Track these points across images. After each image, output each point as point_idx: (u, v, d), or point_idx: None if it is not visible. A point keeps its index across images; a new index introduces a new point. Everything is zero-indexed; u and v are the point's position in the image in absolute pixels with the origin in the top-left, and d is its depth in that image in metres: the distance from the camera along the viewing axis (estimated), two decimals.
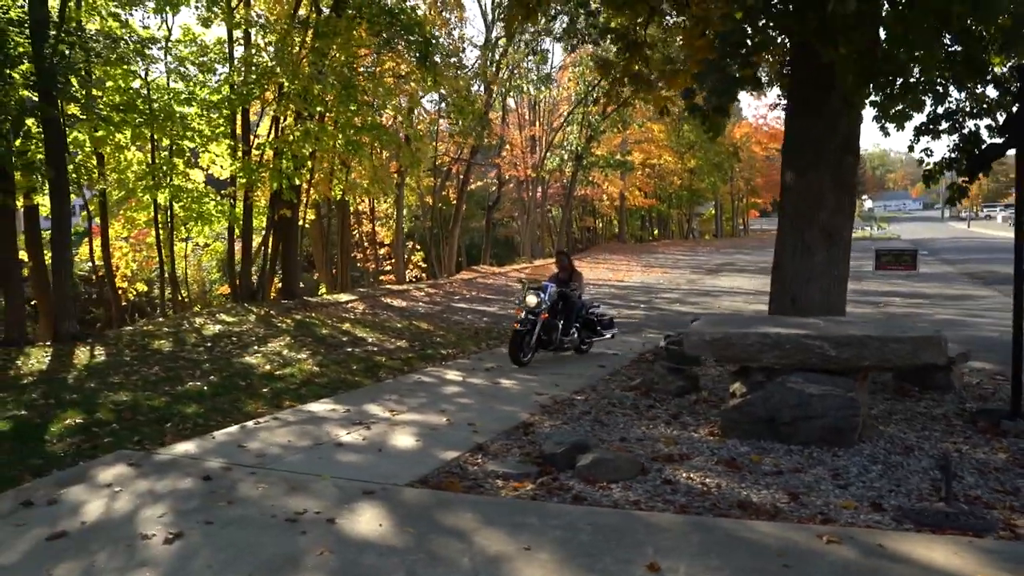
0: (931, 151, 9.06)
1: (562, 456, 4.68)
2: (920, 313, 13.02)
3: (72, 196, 13.30)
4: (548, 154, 29.15)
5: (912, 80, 5.95)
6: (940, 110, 8.39)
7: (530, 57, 23.66)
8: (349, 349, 10.67)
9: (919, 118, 7.97)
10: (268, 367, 9.27)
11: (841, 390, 4.95)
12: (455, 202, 24.04)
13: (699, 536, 3.63)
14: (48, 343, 11.58)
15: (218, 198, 15.36)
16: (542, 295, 8.52)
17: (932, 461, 4.76)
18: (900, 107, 6.12)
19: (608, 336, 9.79)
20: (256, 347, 10.86)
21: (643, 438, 5.41)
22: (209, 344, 11.19)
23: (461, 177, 23.84)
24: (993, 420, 5.52)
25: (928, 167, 9.01)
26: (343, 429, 5.86)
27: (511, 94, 26.77)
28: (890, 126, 9.22)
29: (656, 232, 48.60)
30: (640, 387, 6.92)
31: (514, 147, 29.23)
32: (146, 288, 20.10)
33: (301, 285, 18.11)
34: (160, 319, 15.04)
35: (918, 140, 8.78)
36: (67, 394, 7.67)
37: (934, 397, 6.43)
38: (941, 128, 8.51)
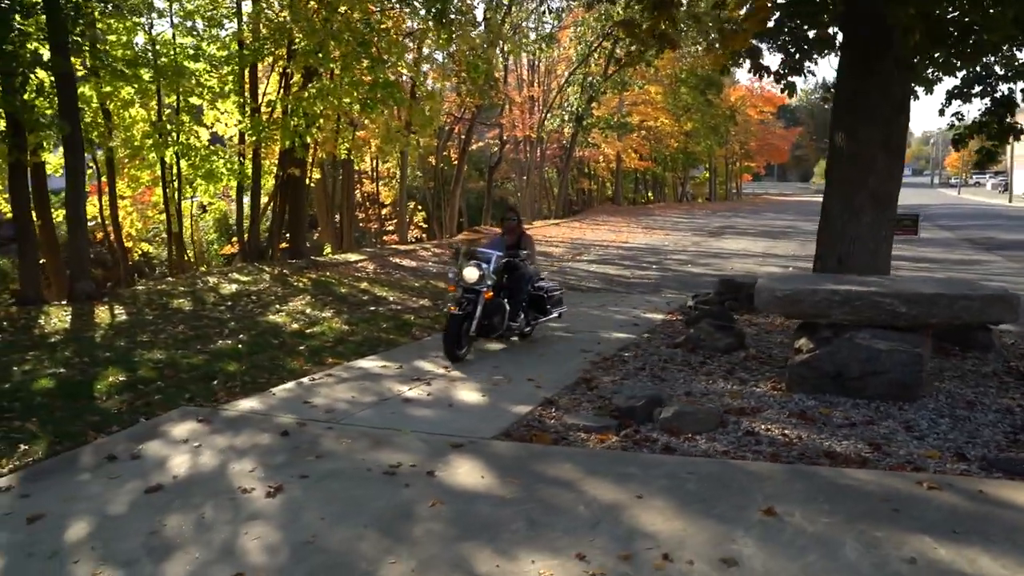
0: (962, 115, 9.09)
1: (641, 409, 4.72)
2: (934, 277, 13.14)
3: None
4: (548, 115, 28.89)
5: (978, 41, 5.92)
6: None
7: (546, 15, 23.25)
8: (373, 308, 10.62)
9: (950, 81, 7.97)
10: (296, 325, 9.22)
11: (908, 346, 5.01)
12: (456, 163, 23.82)
13: (801, 483, 3.70)
14: (63, 302, 11.44)
15: (228, 156, 15.09)
16: (485, 267, 6.63)
17: (997, 415, 4.86)
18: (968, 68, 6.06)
19: (555, 315, 7.88)
20: (277, 306, 10.78)
21: (707, 392, 5.47)
22: (229, 303, 11.09)
23: (463, 137, 23.60)
24: None
25: (959, 131, 9.05)
26: (403, 385, 5.86)
27: (512, 55, 26.39)
28: (919, 89, 9.23)
29: (651, 195, 48.57)
30: (686, 344, 6.97)
31: (514, 107, 28.93)
32: (151, 248, 19.86)
33: (307, 245, 17.97)
34: (171, 278, 14.88)
35: (949, 103, 8.80)
36: (100, 352, 7.60)
37: (977, 356, 6.51)
38: (974, 92, 8.54)
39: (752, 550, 3.06)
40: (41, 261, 13.88)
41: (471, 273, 6.60)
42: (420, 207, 25.45)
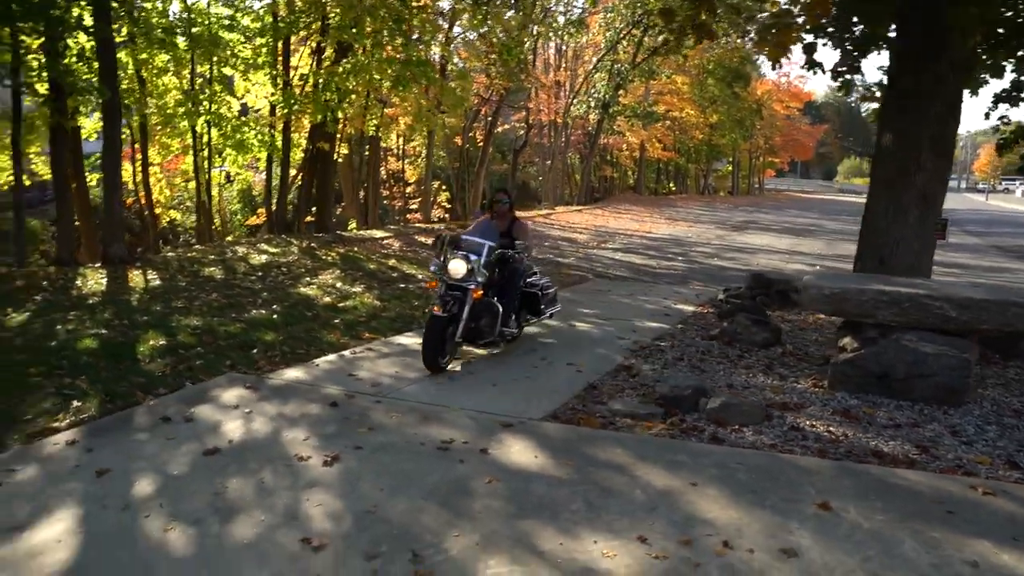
0: (1008, 119, 8.97)
1: (687, 399, 4.76)
2: (981, 283, 13.07)
3: None
4: (575, 100, 28.75)
5: None
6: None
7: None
8: (402, 285, 10.69)
9: (995, 83, 7.87)
10: (328, 299, 9.29)
11: (956, 351, 5.01)
12: (482, 144, 23.79)
13: (851, 480, 3.73)
14: (97, 265, 11.57)
15: (259, 127, 15.15)
16: (474, 260, 5.66)
17: None
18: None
19: (548, 316, 7.01)
20: (308, 278, 10.86)
21: (748, 385, 5.50)
22: (260, 274, 11.19)
23: (489, 119, 23.55)
24: None
25: (1004, 135, 8.94)
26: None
27: (541, 38, 26.25)
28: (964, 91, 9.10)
29: (672, 186, 48.34)
30: (722, 337, 6.98)
31: (541, 91, 28.81)
32: (179, 216, 20.00)
33: (332, 219, 18.05)
34: (199, 246, 15.00)
35: (996, 106, 8.69)
36: (138, 316, 7.69)
37: (1020, 365, 6.48)
38: (1023, 95, 8.43)
39: (809, 542, 3.10)
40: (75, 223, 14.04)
41: (457, 267, 5.59)
42: (444, 187, 25.48)
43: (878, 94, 8.50)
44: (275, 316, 7.96)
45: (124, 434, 4.23)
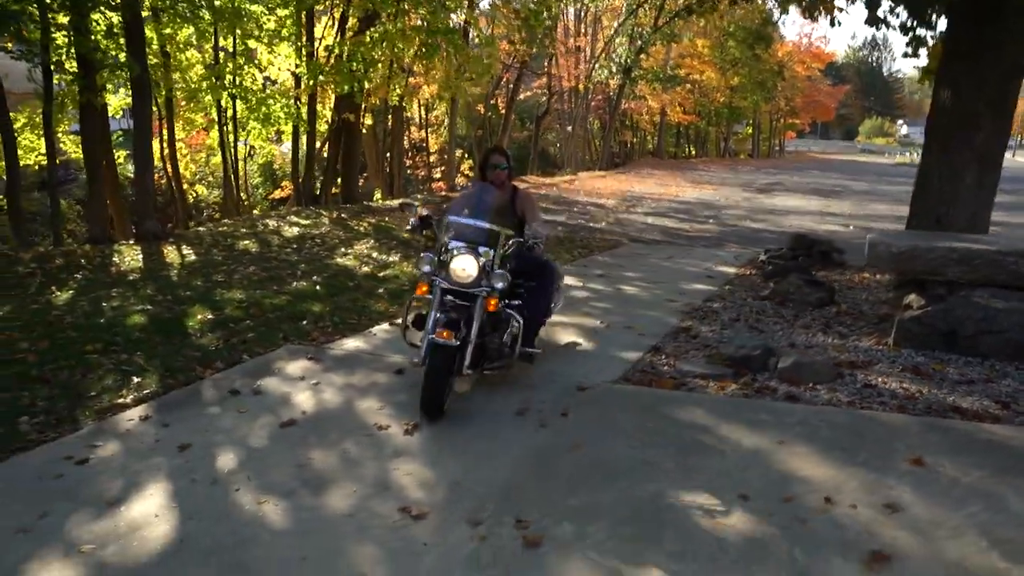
0: None
1: (756, 359, 4.72)
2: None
3: None
4: (596, 65, 28.36)
5: None
6: None
7: None
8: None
9: None
10: (367, 269, 9.29)
11: None
12: (504, 111, 23.55)
13: (939, 436, 3.68)
14: (130, 241, 11.62)
15: (284, 100, 15.08)
16: (484, 254, 4.00)
17: None
18: None
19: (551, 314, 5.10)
20: (343, 249, 10.86)
21: (810, 345, 5.44)
22: (295, 246, 11.19)
23: (511, 86, 23.29)
24: None
25: None
26: None
27: (563, 2, 25.83)
28: None
29: (693, 149, 47.76)
30: (774, 297, 6.91)
31: (561, 57, 28.43)
32: (206, 191, 20.04)
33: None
34: (228, 220, 15.03)
35: None
36: (180, 291, 7.72)
37: None
38: None
39: (910, 498, 3.07)
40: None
41: (466, 266, 3.91)
42: (467, 155, 25.33)
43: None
44: (318, 287, 7.97)
45: (196, 408, 4.24)
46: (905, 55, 9.47)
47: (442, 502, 3.10)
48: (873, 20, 5.95)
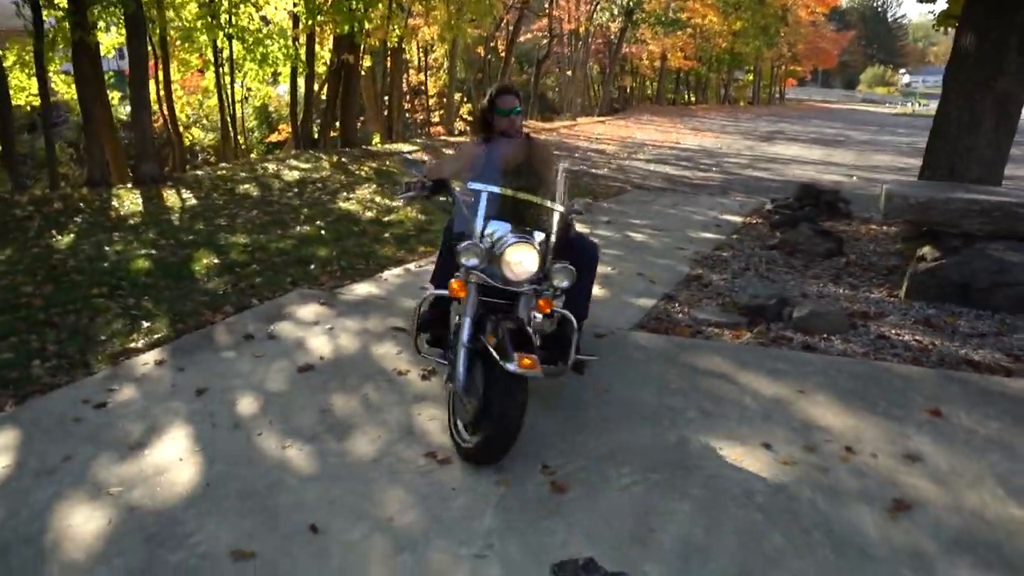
0: None
1: (771, 308, 4.72)
2: None
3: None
4: (597, 7, 27.71)
5: None
6: None
7: None
8: (442, 199, 10.54)
9: None
10: (370, 213, 9.21)
11: None
12: (503, 54, 23.08)
13: (956, 387, 3.71)
14: (128, 185, 11.47)
15: (282, 40, 14.72)
16: (540, 241, 3.02)
17: None
18: None
19: None
20: (345, 193, 10.76)
21: (822, 295, 5.44)
22: (296, 190, 11.08)
23: (511, 28, 22.78)
24: None
25: None
26: None
27: None
28: None
29: (693, 96, 47.10)
30: (783, 247, 6.89)
31: None
32: (202, 134, 19.72)
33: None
34: (226, 164, 14.84)
35: None
36: (183, 235, 7.65)
37: None
38: None
39: (930, 448, 3.10)
40: None
41: (524, 259, 2.92)
42: (465, 99, 24.93)
43: None
44: (323, 232, 7.91)
45: (210, 353, 4.22)
46: (920, 0, 9.25)
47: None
48: None
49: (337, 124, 16.74)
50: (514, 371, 2.60)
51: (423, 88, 23.85)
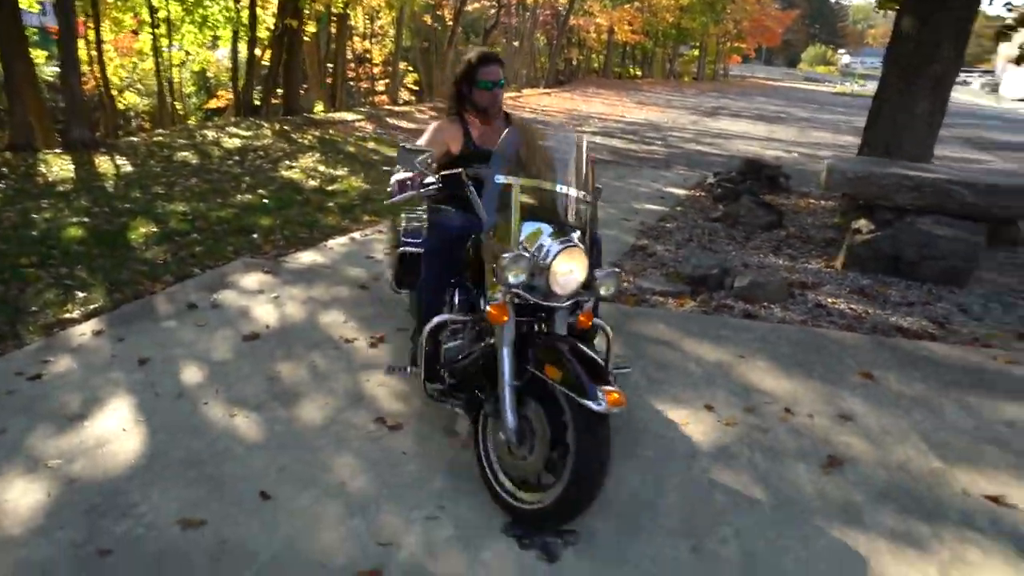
0: (1011, 5, 8.85)
1: (713, 278, 4.83)
2: (988, 169, 13.28)
3: None
4: None
5: None
6: None
7: None
8: (386, 168, 10.47)
9: None
10: (314, 182, 9.07)
11: (967, 234, 5.14)
12: (451, 22, 22.76)
13: (887, 352, 3.88)
14: (57, 150, 11.00)
15: (223, 2, 14.22)
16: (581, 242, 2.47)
17: None
18: None
19: None
20: (288, 162, 10.55)
21: (763, 266, 5.60)
22: (237, 158, 10.81)
23: None
24: None
25: (1006, 23, 8.84)
26: None
27: None
28: None
29: (639, 70, 47.30)
30: (725, 219, 7.04)
31: None
32: (137, 99, 18.96)
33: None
34: (163, 130, 14.35)
35: None
36: (118, 203, 7.41)
37: (1006, 249, 6.66)
38: None
39: (862, 408, 3.26)
40: None
41: (575, 267, 2.40)
42: (411, 68, 24.54)
43: None
44: (265, 201, 7.76)
45: (151, 323, 4.12)
46: None
47: (417, 413, 3.14)
48: None
49: (279, 91, 16.32)
50: (602, 411, 2.12)
51: (368, 56, 23.39)
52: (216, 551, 2.28)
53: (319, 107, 19.01)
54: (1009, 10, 8.38)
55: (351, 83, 22.92)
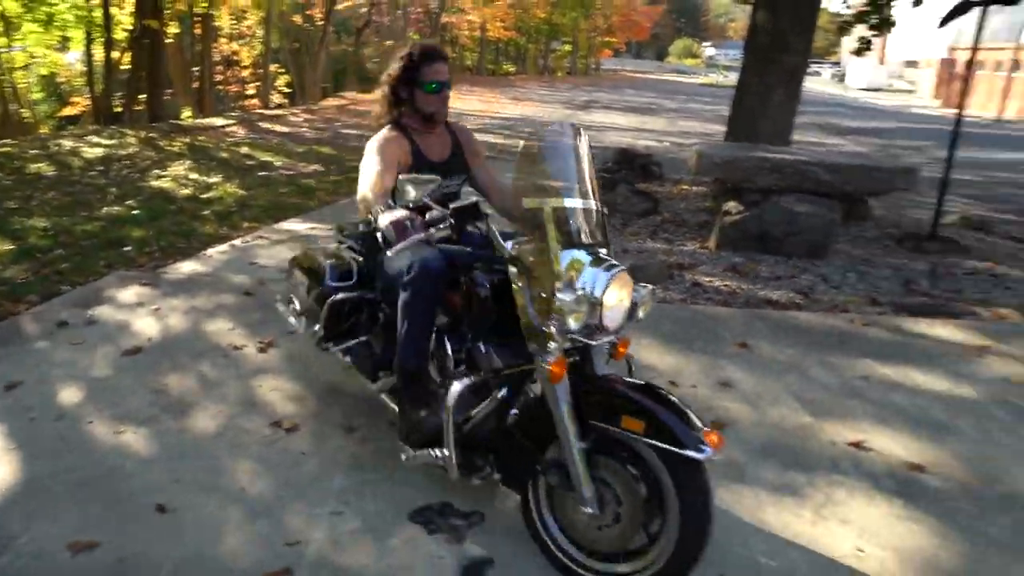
0: (848, 3, 9.64)
1: None
2: (840, 151, 14.22)
3: None
4: None
5: None
6: None
7: None
8: (263, 173, 10.21)
9: None
10: (187, 191, 8.72)
11: (824, 210, 5.59)
12: (322, 22, 22.26)
13: (759, 323, 4.18)
14: None
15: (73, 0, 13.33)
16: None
17: (890, 271, 5.60)
18: None
19: None
20: (158, 171, 10.07)
21: (641, 250, 5.86)
22: (100, 168, 10.22)
23: None
24: (917, 241, 6.45)
25: (846, 18, 9.62)
26: None
27: None
28: None
29: (512, 67, 47.88)
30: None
31: None
32: None
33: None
34: (10, 140, 13.31)
35: None
36: None
37: (857, 224, 7.27)
38: None
39: (739, 375, 3.51)
40: None
41: (625, 297, 2.08)
42: (283, 70, 23.82)
43: None
44: (135, 212, 7.39)
45: (18, 345, 3.86)
46: None
47: (313, 413, 3.12)
48: None
49: (142, 97, 15.48)
50: (706, 457, 1.86)
51: (236, 58, 22.52)
52: (115, 570, 2.20)
53: (187, 113, 18.18)
54: (848, 7, 9.12)
55: (219, 87, 22.00)
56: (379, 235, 2.19)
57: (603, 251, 2.08)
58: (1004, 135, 21.48)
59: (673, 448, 1.86)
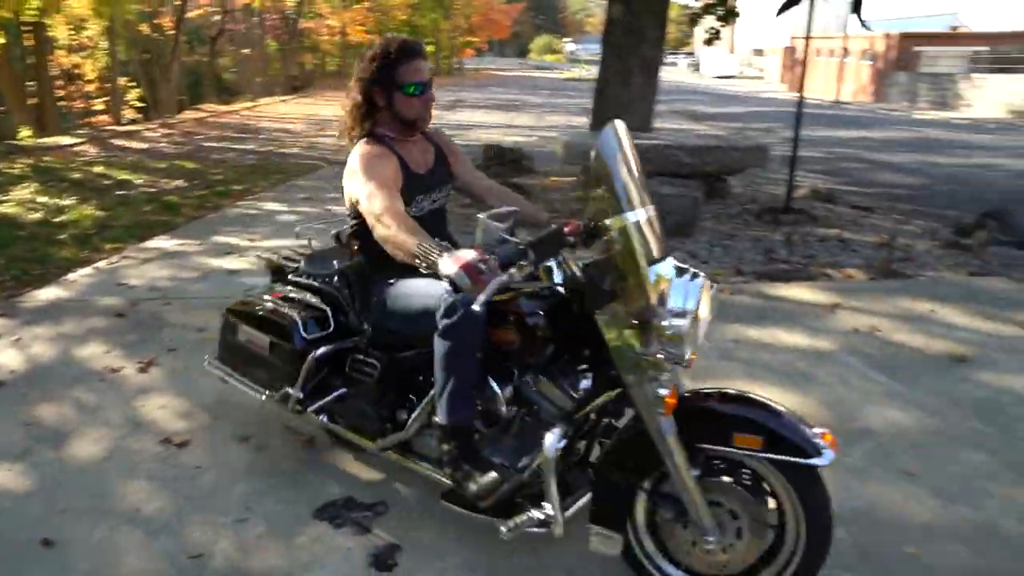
0: None
1: None
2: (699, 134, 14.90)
3: None
4: None
5: None
6: None
7: None
8: (121, 192, 9.66)
9: None
10: (37, 215, 8.15)
11: (688, 191, 5.94)
12: (172, 32, 21.18)
13: None
14: None
15: None
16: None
17: (751, 243, 6.02)
18: None
19: None
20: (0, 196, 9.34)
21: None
22: None
23: (177, 3, 20.95)
24: (774, 214, 6.96)
25: (695, 11, 10.18)
26: (218, 259, 5.66)
27: None
28: None
29: None
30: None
31: None
32: None
33: None
34: None
35: None
36: None
37: (718, 201, 7.76)
38: None
39: None
40: None
41: (707, 308, 1.94)
42: (133, 82, 22.48)
43: None
44: None
45: None
46: None
47: (204, 427, 3.05)
48: None
49: None
50: (830, 461, 1.78)
51: (79, 72, 21.06)
52: None
53: (25, 132, 16.86)
54: (696, 0, 9.66)
55: (62, 103, 20.51)
56: (445, 282, 1.84)
57: (672, 259, 1.95)
58: (842, 115, 23.39)
59: (798, 459, 1.78)
